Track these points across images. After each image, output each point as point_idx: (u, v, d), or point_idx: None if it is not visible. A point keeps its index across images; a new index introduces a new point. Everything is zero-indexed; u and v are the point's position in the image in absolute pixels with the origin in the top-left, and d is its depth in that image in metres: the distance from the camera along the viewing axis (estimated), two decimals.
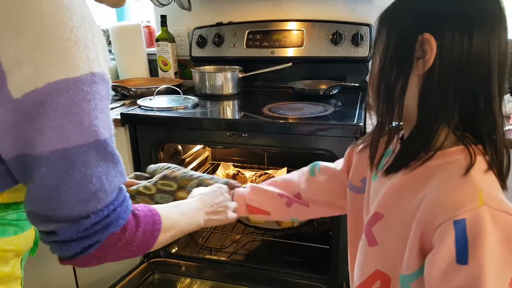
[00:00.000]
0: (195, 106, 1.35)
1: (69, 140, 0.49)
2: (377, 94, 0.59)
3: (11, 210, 0.67)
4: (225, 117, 1.21)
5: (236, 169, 1.63)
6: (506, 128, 0.54)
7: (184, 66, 1.83)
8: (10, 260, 0.70)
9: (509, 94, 1.27)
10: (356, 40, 1.54)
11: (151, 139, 1.30)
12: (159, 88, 1.41)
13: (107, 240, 0.55)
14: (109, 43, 1.85)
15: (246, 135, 1.19)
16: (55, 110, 0.48)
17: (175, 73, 1.79)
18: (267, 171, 1.60)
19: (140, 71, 1.81)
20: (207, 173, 1.73)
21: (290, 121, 1.14)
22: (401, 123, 0.61)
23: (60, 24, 0.48)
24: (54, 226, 0.52)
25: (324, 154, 1.14)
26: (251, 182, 1.55)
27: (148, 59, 1.85)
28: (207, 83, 1.51)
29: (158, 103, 1.34)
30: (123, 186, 0.58)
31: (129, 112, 1.28)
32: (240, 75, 1.54)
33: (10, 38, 0.47)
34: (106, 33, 1.88)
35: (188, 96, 1.42)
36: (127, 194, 0.59)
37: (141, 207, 0.62)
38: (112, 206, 0.55)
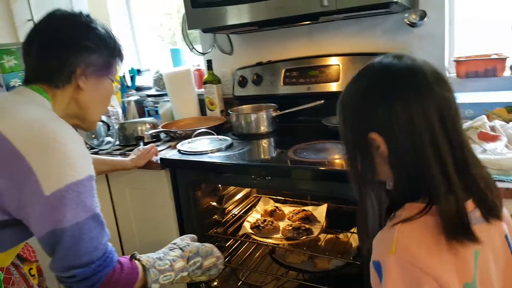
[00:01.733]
0: (228, 147, 1.44)
1: (80, 217, 0.78)
2: (354, 180, 0.67)
3: None
4: (248, 162, 1.27)
5: (274, 205, 1.66)
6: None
7: (230, 104, 1.94)
8: None
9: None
10: None
11: (188, 180, 1.41)
12: (197, 132, 1.53)
13: (105, 277, 0.83)
14: (164, 87, 2.04)
15: (269, 178, 1.24)
16: (71, 200, 0.76)
17: (221, 111, 1.90)
18: (305, 208, 1.60)
19: (191, 110, 1.96)
20: (247, 208, 1.80)
21: (307, 166, 1.16)
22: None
23: (71, 151, 0.78)
24: (74, 271, 0.80)
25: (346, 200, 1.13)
26: (288, 219, 1.57)
27: (200, 99, 2.00)
28: (242, 123, 1.59)
29: (194, 147, 1.45)
30: (109, 243, 0.86)
31: (167, 157, 1.41)
32: (274, 114, 1.59)
33: (41, 161, 0.75)
34: (162, 79, 2.08)
35: (224, 137, 1.52)
36: (113, 249, 0.87)
37: (123, 259, 0.90)
38: (107, 254, 0.84)
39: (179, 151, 1.45)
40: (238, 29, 1.65)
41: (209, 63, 1.87)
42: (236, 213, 1.71)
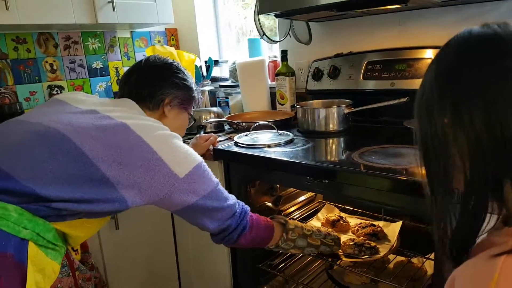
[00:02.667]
0: (287, 143, 1.28)
1: (210, 186, 0.94)
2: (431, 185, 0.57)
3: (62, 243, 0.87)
4: (299, 161, 1.10)
5: (339, 214, 1.46)
6: None
7: (303, 99, 1.77)
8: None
9: None
10: None
11: (241, 175, 1.30)
12: (255, 124, 1.40)
13: (249, 222, 1.02)
14: (237, 78, 1.96)
15: (326, 181, 1.06)
16: (199, 176, 0.92)
17: (292, 106, 1.75)
18: (375, 223, 1.37)
19: (261, 104, 1.85)
20: (309, 214, 1.62)
21: (369, 171, 0.95)
22: None
23: (184, 146, 0.94)
24: (227, 222, 0.98)
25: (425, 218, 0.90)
26: (353, 232, 1.36)
27: (271, 92, 1.87)
28: (309, 119, 1.42)
29: (251, 140, 1.33)
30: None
31: (219, 148, 1.31)
32: (347, 111, 1.39)
33: (169, 154, 0.89)
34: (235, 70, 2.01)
35: (285, 133, 1.37)
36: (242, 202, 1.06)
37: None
38: (241, 205, 1.03)
39: (235, 143, 1.35)
40: (315, 14, 1.48)
41: (283, 53, 1.73)
42: (295, 217, 1.55)
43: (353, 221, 1.44)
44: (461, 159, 0.47)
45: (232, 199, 1.00)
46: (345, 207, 1.57)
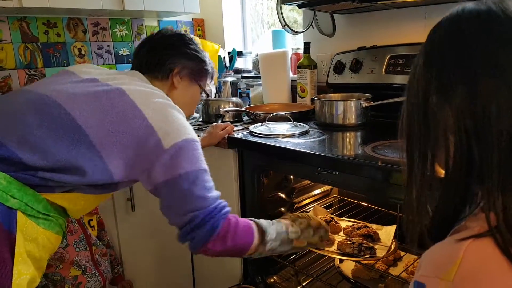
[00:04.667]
0: (302, 134, 1.28)
1: (194, 167, 0.85)
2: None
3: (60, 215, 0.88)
4: (312, 151, 1.09)
5: (329, 215, 1.42)
6: None
7: (323, 92, 1.76)
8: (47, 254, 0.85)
9: None
10: None
11: (254, 164, 1.30)
12: (271, 115, 1.40)
13: (223, 225, 0.86)
14: (258, 69, 1.96)
15: (336, 173, 1.05)
16: (187, 151, 0.85)
17: (312, 100, 1.74)
18: (368, 225, 1.33)
19: (281, 96, 1.84)
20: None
21: (372, 163, 0.94)
22: None
23: (183, 120, 0.91)
24: (192, 214, 0.84)
25: None
26: (346, 233, 1.32)
27: (293, 85, 1.86)
28: (326, 112, 1.40)
29: (266, 130, 1.33)
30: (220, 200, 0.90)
31: (234, 136, 1.32)
32: (365, 105, 1.36)
33: (161, 122, 0.86)
34: (257, 61, 2.01)
35: (300, 124, 1.36)
36: (226, 203, 0.90)
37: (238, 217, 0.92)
38: (220, 203, 0.88)
39: (250, 132, 1.35)
40: (338, 5, 1.46)
41: (306, 45, 1.72)
42: (308, 211, 1.53)
43: (343, 223, 1.40)
44: (445, 135, 0.46)
45: (215, 193, 0.89)
46: (360, 203, 1.55)
